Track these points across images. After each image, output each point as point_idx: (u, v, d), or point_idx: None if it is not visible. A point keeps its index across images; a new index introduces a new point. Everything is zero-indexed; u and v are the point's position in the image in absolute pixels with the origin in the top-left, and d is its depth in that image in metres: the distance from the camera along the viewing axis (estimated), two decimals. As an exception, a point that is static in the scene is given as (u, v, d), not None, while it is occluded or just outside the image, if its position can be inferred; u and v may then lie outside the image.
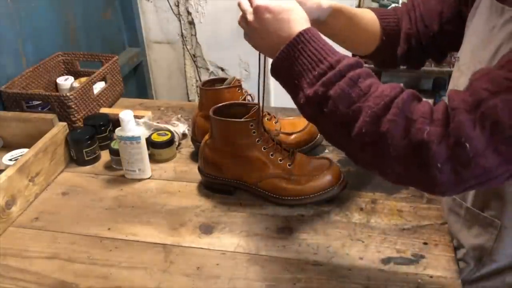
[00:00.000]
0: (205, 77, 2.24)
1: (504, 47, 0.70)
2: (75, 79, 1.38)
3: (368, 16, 0.94)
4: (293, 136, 1.07)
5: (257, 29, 0.72)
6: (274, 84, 2.52)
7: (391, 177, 0.66)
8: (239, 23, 0.77)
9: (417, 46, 0.93)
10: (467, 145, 0.56)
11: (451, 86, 0.88)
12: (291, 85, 0.70)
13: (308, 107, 0.67)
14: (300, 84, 0.67)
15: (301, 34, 0.68)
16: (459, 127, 0.57)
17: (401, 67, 1.01)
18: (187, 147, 1.17)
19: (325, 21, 0.87)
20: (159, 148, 1.10)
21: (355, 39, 0.94)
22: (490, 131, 0.56)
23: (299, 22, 0.70)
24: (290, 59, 0.68)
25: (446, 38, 0.92)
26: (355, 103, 0.63)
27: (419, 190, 0.87)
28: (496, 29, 0.73)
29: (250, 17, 0.73)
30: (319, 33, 0.70)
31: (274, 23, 0.71)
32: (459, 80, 0.83)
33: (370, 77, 0.65)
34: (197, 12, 2.08)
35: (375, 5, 2.00)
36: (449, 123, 0.59)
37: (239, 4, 0.76)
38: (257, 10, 0.72)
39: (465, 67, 0.81)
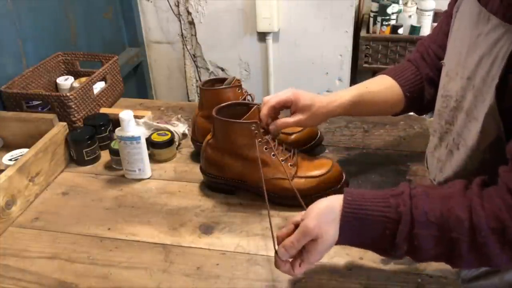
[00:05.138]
0: (205, 77, 2.24)
1: (486, 58, 0.71)
2: (75, 79, 1.38)
3: (385, 85, 0.95)
4: (293, 136, 1.07)
5: (319, 239, 0.68)
6: (274, 85, 2.51)
7: None
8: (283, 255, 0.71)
9: None
10: None
11: (441, 91, 0.87)
12: (372, 249, 0.70)
13: (403, 258, 0.70)
14: (383, 247, 0.68)
15: (344, 207, 0.68)
16: None
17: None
18: (187, 147, 1.17)
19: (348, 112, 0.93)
20: (159, 148, 1.10)
21: (381, 110, 0.98)
22: None
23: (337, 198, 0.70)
24: (353, 231, 0.68)
25: None
26: (442, 238, 0.64)
27: None
28: (481, 37, 0.73)
29: (304, 239, 0.69)
30: (354, 190, 0.71)
31: (325, 220, 0.69)
32: (448, 85, 0.83)
33: (432, 203, 0.65)
34: (197, 12, 2.08)
35: (375, 5, 2.00)
36: None
37: (277, 237, 0.73)
38: (306, 229, 0.68)
39: (453, 73, 0.81)
